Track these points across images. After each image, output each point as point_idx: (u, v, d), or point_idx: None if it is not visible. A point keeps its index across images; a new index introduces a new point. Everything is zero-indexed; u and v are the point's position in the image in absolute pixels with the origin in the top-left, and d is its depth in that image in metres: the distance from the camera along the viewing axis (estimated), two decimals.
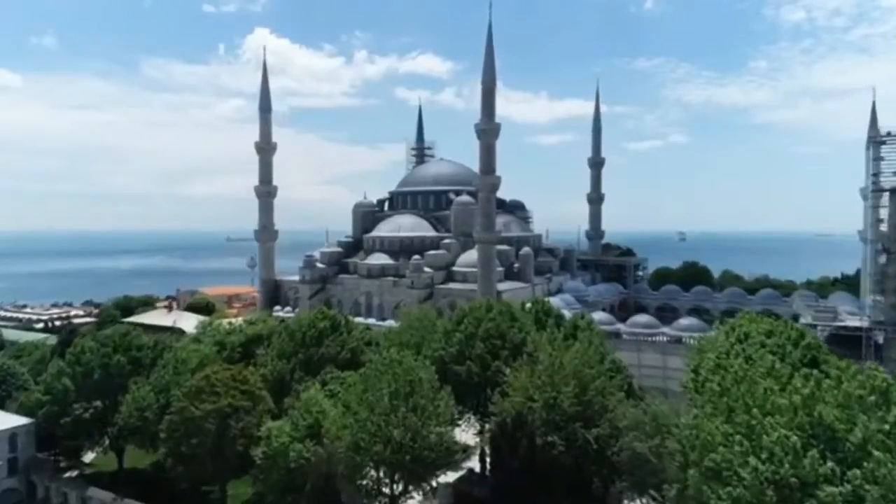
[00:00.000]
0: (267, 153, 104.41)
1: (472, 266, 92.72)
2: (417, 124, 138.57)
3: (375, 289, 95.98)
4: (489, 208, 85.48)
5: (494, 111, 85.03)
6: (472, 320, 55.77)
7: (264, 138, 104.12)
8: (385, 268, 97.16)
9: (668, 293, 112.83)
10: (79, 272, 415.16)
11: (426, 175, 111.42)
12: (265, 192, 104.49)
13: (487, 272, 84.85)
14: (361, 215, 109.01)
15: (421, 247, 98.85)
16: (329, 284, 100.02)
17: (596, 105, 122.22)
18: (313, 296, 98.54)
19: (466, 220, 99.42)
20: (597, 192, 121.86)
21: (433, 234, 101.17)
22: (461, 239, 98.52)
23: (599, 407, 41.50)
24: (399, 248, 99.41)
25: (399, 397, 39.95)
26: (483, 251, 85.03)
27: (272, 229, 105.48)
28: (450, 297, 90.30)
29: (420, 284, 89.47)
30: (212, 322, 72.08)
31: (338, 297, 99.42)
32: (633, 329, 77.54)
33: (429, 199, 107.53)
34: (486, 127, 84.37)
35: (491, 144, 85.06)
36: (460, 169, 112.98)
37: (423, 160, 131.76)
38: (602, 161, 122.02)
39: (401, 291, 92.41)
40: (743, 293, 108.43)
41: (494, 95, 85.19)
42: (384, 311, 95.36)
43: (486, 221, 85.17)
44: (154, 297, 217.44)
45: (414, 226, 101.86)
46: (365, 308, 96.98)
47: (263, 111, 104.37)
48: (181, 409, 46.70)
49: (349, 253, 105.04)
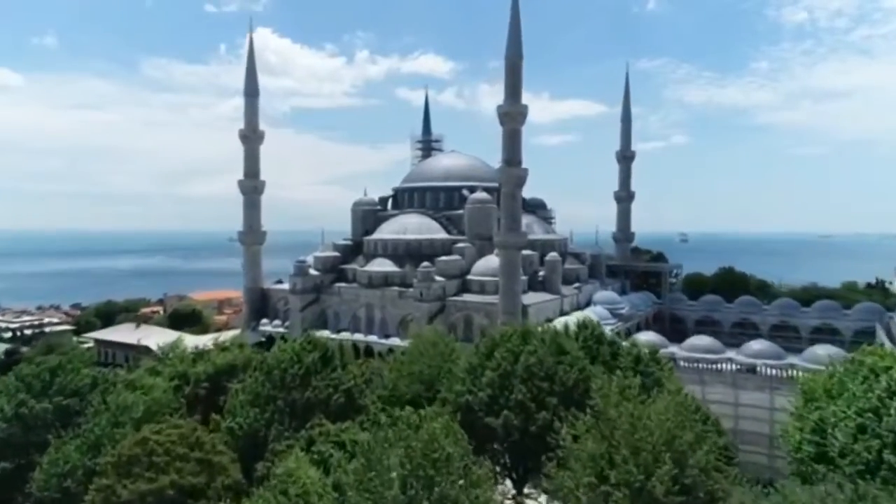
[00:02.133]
0: (253, 143, 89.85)
1: (490, 274, 78.35)
2: (424, 115, 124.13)
3: (377, 300, 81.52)
4: (513, 206, 71.03)
5: (521, 91, 70.56)
6: (507, 353, 41.68)
7: (249, 126, 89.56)
8: (389, 276, 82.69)
9: (709, 304, 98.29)
10: (75, 272, 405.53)
11: (435, 169, 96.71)
12: (251, 188, 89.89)
13: (511, 282, 70.42)
14: (361, 215, 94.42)
15: (430, 251, 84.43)
16: (324, 294, 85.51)
17: (626, 92, 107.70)
18: (305, 307, 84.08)
19: (483, 221, 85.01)
20: (626, 190, 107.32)
21: (444, 237, 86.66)
22: (477, 242, 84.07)
23: (706, 495, 27.44)
24: (405, 253, 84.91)
25: (416, 483, 25.68)
26: (506, 257, 70.58)
27: (259, 230, 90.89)
28: (465, 311, 75.85)
29: (430, 296, 75.00)
30: (174, 348, 57.50)
31: (334, 310, 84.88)
32: (692, 354, 63.17)
33: (438, 196, 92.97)
34: (511, 109, 69.92)
35: (516, 130, 70.64)
36: (474, 162, 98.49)
37: (431, 155, 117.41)
38: (632, 155, 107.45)
39: (407, 304, 78.00)
40: (796, 305, 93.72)
41: (521, 73, 70.69)
42: (387, 327, 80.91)
43: (510, 222, 70.73)
44: (142, 302, 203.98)
45: (422, 227, 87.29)
46: (365, 322, 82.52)
47: (249, 95, 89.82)
48: (104, 488, 32.34)
49: (347, 258, 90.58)
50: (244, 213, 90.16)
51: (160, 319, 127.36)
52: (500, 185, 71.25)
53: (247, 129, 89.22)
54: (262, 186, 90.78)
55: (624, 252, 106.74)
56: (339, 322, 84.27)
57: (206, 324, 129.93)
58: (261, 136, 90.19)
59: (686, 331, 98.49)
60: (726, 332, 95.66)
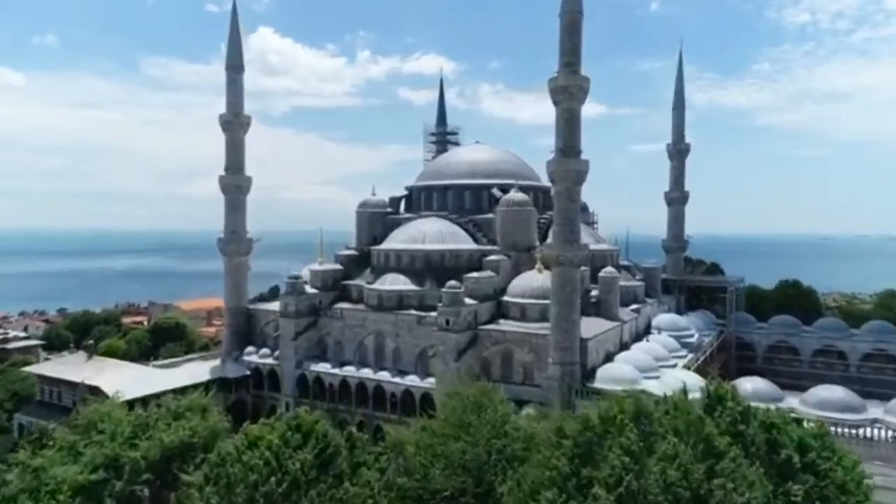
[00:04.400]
0: (236, 130, 71.88)
1: (532, 296, 60.70)
2: (438, 104, 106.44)
3: (390, 327, 63.84)
4: (570, 210, 53.25)
5: (580, 57, 52.79)
6: (622, 457, 24.53)
7: (232, 108, 71.53)
8: (404, 296, 64.90)
9: (783, 327, 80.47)
10: (69, 273, 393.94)
11: (458, 164, 78.53)
12: (234, 186, 71.86)
13: (567, 309, 52.69)
14: (368, 218, 76.42)
15: (454, 265, 66.75)
16: (323, 318, 67.70)
17: (679, 74, 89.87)
18: (300, 334, 66.32)
19: (520, 227, 67.25)
20: (680, 190, 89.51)
21: (472, 247, 68.78)
22: (512, 254, 66.40)
23: None
24: (423, 267, 67.03)
25: None
26: (562, 277, 52.78)
27: (244, 237, 72.88)
28: (503, 344, 58.13)
29: (460, 325, 57.26)
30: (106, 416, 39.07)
31: (335, 337, 67.12)
32: (825, 414, 45.44)
33: (463, 196, 74.98)
34: (568, 82, 52.17)
35: (573, 111, 52.86)
36: (504, 155, 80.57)
37: (447, 149, 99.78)
38: (687, 148, 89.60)
39: (428, 332, 60.36)
40: (893, 329, 76.34)
41: (581, 32, 52.94)
42: (402, 360, 63.20)
43: (566, 230, 52.91)
44: (123, 311, 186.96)
45: (443, 234, 69.35)
46: (374, 354, 64.79)
47: (232, 70, 71.81)
48: None
49: (351, 271, 72.76)
50: (226, 217, 72.22)
51: (139, 334, 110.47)
52: (552, 181, 53.60)
53: (228, 113, 71.31)
54: (248, 184, 72.90)
55: (676, 263, 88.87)
56: (341, 352, 66.58)
57: (190, 338, 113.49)
58: (245, 121, 72.32)
59: (756, 359, 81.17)
60: (806, 362, 78.32)
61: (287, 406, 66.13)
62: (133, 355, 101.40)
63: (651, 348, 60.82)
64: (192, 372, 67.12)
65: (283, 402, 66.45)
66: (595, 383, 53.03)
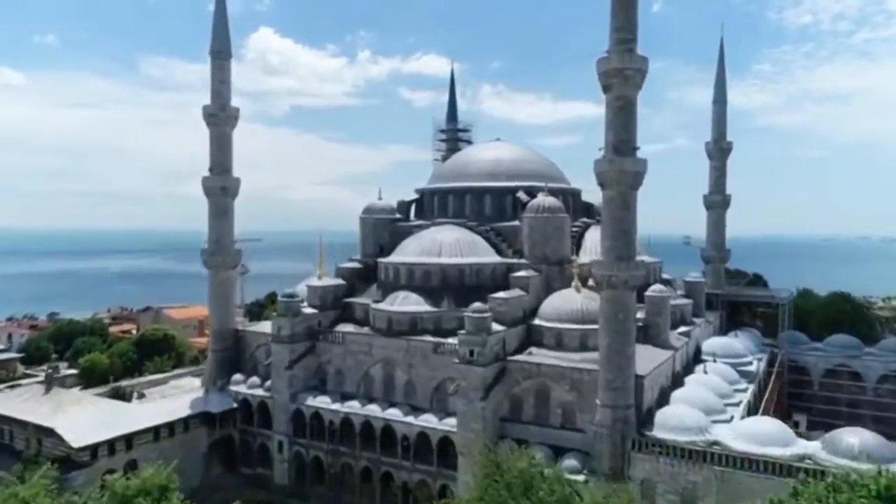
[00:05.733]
0: (222, 125, 61.69)
1: (571, 320, 50.66)
2: (449, 98, 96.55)
3: (401, 355, 53.85)
4: (625, 220, 43.18)
5: (636, 35, 42.88)
6: None
7: (217, 99, 61.37)
8: (418, 318, 54.83)
9: (843, 348, 70.44)
10: (65, 274, 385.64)
11: (477, 164, 68.26)
12: (219, 189, 61.63)
13: (621, 342, 42.69)
14: (374, 226, 66.33)
15: (476, 281, 56.75)
16: (322, 342, 57.73)
17: (720, 64, 79.98)
18: (296, 362, 56.34)
19: (552, 237, 57.16)
20: (721, 193, 79.43)
21: (495, 261, 58.69)
22: (543, 268, 56.42)
23: None
24: (440, 284, 56.92)
25: None
26: (615, 302, 42.76)
27: (230, 247, 62.77)
28: (537, 379, 48.04)
29: (487, 357, 47.19)
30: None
31: (335, 366, 57.09)
32: None
33: (482, 200, 64.82)
34: (623, 64, 42.11)
35: (629, 100, 42.80)
36: (529, 153, 70.42)
37: (459, 148, 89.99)
38: (729, 146, 79.62)
39: (446, 363, 50.44)
40: None
41: (636, 5, 42.98)
42: (416, 395, 53.17)
43: (620, 245, 42.88)
44: (115, 314, 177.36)
45: (462, 245, 59.23)
46: (382, 386, 54.77)
47: (217, 56, 61.66)
48: None
49: (355, 286, 62.79)
50: (209, 224, 62.03)
51: (124, 347, 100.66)
52: (601, 185, 43.51)
53: (213, 105, 61.18)
54: (236, 186, 62.73)
55: (718, 275, 78.69)
56: (342, 383, 56.56)
57: (180, 350, 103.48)
58: (233, 115, 62.13)
59: (811, 385, 71.31)
60: (870, 390, 68.48)
61: (280, 446, 56.19)
62: (117, 371, 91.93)
63: (709, 382, 50.90)
64: (168, 407, 57.12)
65: (276, 441, 56.48)
66: (654, 431, 43.14)
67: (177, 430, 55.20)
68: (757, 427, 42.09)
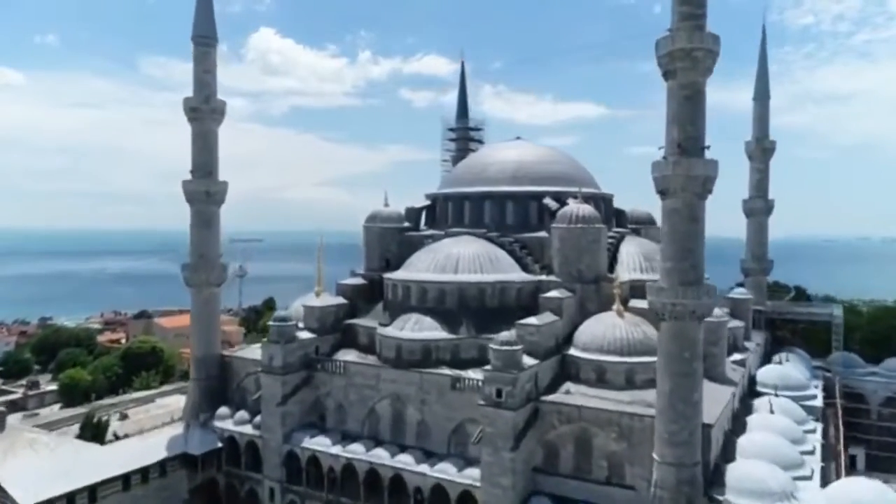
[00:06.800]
0: (206, 121, 53.31)
1: (614, 351, 42.45)
2: (459, 92, 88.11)
3: (413, 391, 45.58)
4: (691, 236, 35.00)
5: (705, 10, 34.70)
6: None
7: (201, 91, 52.99)
8: (432, 347, 46.57)
9: None
10: (61, 276, 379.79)
11: (497, 165, 59.31)
12: (202, 194, 53.22)
13: (687, 386, 34.45)
14: (380, 236, 58.01)
15: (499, 303, 48.49)
16: (320, 373, 49.52)
17: (762, 55, 71.70)
18: (290, 396, 48.14)
19: (587, 251, 48.76)
20: (763, 198, 71.12)
21: (522, 278, 50.30)
22: (577, 287, 48.24)
23: None
24: (457, 305, 48.61)
25: None
26: (679, 338, 34.55)
27: (215, 261, 54.46)
28: (577, 424, 39.86)
29: (518, 398, 38.99)
30: None
31: (336, 400, 48.82)
32: None
33: (504, 208, 56.36)
34: (692, 44, 33.95)
35: (697, 88, 34.55)
36: (555, 154, 62.06)
37: (470, 147, 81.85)
38: (772, 146, 71.51)
39: (467, 401, 42.36)
40: None
41: None
42: (429, 438, 44.89)
43: (684, 266, 34.68)
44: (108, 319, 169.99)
45: (483, 259, 50.81)
46: (391, 426, 46.52)
47: (201, 41, 53.46)
48: None
49: (359, 305, 54.45)
50: (191, 235, 53.68)
51: (109, 362, 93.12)
52: (661, 192, 35.29)
53: (196, 98, 52.87)
54: (223, 191, 54.41)
55: (759, 289, 70.24)
56: (344, 420, 48.28)
57: (169, 363, 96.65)
58: (219, 109, 53.80)
59: (868, 415, 63.19)
60: None
61: (271, 494, 47.92)
62: (100, 387, 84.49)
63: (778, 425, 42.64)
64: (142, 446, 48.86)
65: (266, 488, 48.23)
66: (726, 494, 34.92)
67: (151, 476, 47.07)
68: (856, 494, 33.86)
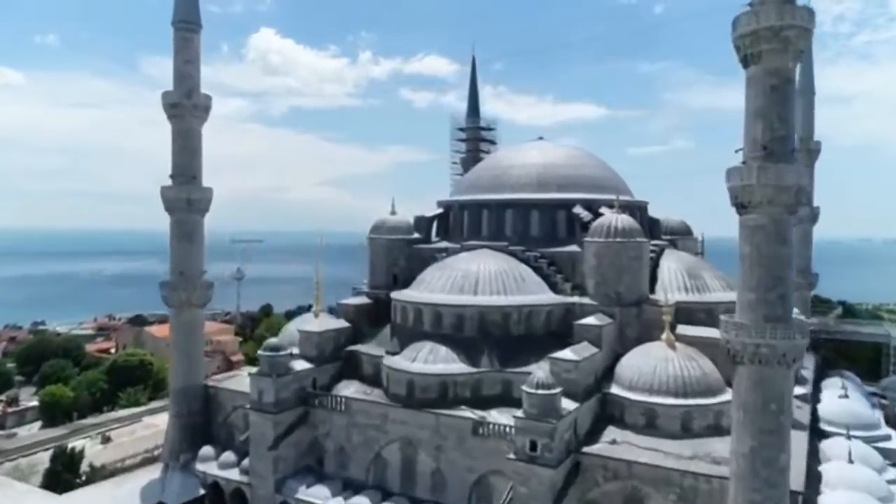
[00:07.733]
0: (187, 118, 46.21)
1: (666, 392, 35.51)
2: (470, 88, 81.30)
3: (427, 435, 38.63)
4: (779, 260, 28.18)
5: None
6: None
7: (182, 84, 45.92)
8: (449, 382, 39.58)
9: None
10: (60, 277, 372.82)
11: (519, 169, 51.97)
12: (183, 202, 46.12)
13: (774, 445, 27.64)
14: (386, 249, 50.89)
15: (526, 329, 41.69)
16: (318, 409, 42.62)
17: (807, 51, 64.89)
18: (283, 438, 41.28)
19: (626, 270, 41.83)
20: (808, 203, 64.48)
21: (552, 301, 43.24)
22: (616, 312, 41.34)
23: None
24: (478, 332, 41.64)
25: None
26: (764, 386, 27.77)
27: (199, 280, 47.44)
28: (626, 482, 33.00)
29: (557, 453, 32.18)
30: None
31: (335, 441, 41.98)
32: None
33: (528, 218, 49.25)
34: (783, 20, 27.26)
35: (785, 75, 27.91)
36: (584, 157, 55.02)
37: (481, 149, 75.11)
38: (818, 147, 64.71)
39: (491, 449, 35.51)
40: None
41: None
42: (446, 491, 37.82)
43: (770, 298, 27.89)
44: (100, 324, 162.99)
45: (507, 278, 43.81)
46: (400, 473, 39.59)
47: (182, 26, 46.54)
48: None
49: (363, 328, 47.45)
50: (171, 248, 46.67)
51: (93, 378, 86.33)
52: (739, 205, 28.48)
53: (177, 92, 45.88)
54: (207, 199, 47.36)
55: (804, 305, 63.43)
56: (345, 465, 41.33)
57: (159, 377, 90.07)
58: (202, 105, 46.82)
59: None
60: None
61: None
62: (83, 405, 77.84)
63: (861, 480, 35.65)
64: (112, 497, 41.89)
65: None
66: None
67: None
68: None
